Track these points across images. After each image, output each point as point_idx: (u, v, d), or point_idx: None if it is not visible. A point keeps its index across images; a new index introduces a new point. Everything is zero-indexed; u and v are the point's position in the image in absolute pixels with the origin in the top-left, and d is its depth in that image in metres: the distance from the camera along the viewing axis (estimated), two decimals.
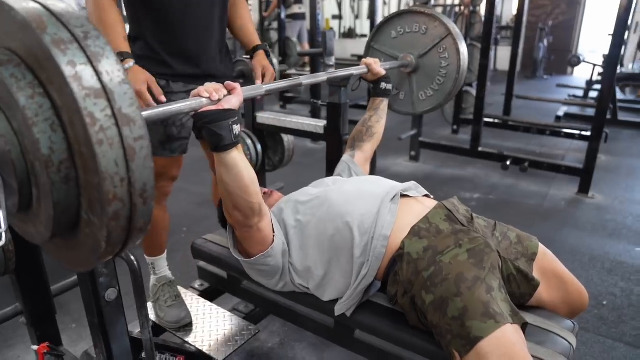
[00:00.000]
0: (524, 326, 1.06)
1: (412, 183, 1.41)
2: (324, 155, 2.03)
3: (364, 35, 11.59)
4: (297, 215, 1.34)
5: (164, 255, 1.81)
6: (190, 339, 1.64)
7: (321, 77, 1.47)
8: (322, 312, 1.41)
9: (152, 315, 1.73)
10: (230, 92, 1.08)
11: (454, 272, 1.09)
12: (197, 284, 1.95)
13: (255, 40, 1.83)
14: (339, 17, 11.97)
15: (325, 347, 1.84)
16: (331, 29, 11.02)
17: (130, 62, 1.42)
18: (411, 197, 1.35)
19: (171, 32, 1.54)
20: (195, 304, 1.79)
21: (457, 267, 1.10)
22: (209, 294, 1.91)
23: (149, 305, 1.75)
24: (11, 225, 0.71)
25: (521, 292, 1.24)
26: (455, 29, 1.81)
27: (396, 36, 1.92)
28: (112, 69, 0.57)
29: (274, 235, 1.26)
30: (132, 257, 1.07)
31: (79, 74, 0.54)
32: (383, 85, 1.65)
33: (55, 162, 0.58)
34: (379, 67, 1.64)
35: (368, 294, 1.31)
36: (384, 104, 1.68)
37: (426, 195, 1.41)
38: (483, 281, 1.07)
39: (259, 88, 1.21)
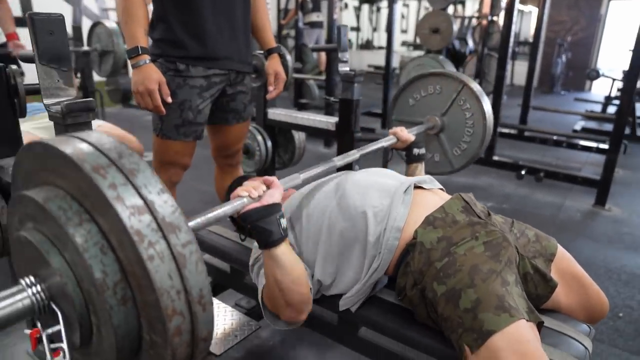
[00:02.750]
0: (540, 326, 1.01)
1: (427, 177, 1.37)
2: None
3: (381, 47, 11.61)
4: (307, 209, 1.30)
5: None
6: None
7: (353, 155, 1.44)
8: (326, 307, 1.36)
9: None
10: (268, 186, 1.08)
11: (469, 263, 1.03)
12: None
13: (271, 42, 1.84)
14: (357, 29, 12.02)
15: (328, 347, 1.78)
16: (349, 40, 11.06)
17: (147, 59, 1.43)
18: (426, 189, 1.30)
19: (193, 13, 1.54)
20: None
21: (472, 259, 1.04)
22: (212, 289, 1.87)
23: None
24: None
25: (538, 293, 1.18)
26: (467, 79, 1.83)
27: (414, 103, 1.95)
28: (149, 182, 0.58)
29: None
30: None
31: (120, 194, 0.55)
32: (415, 151, 1.62)
33: (110, 284, 0.58)
34: (407, 133, 1.62)
35: (375, 290, 1.26)
36: (419, 168, 1.64)
37: (441, 189, 1.36)
38: (499, 274, 1.01)
39: (296, 178, 1.19)
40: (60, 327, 0.62)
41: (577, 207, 3.34)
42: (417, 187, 1.28)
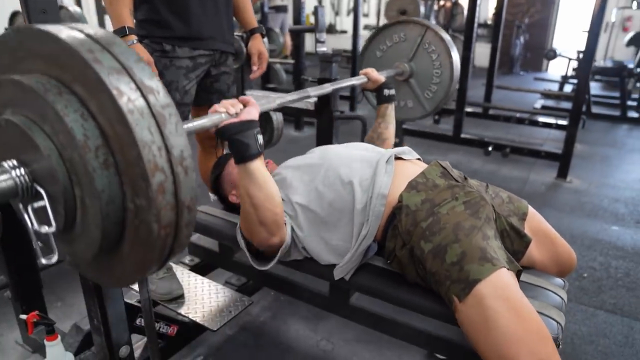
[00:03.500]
0: (519, 274, 1.10)
1: (406, 148, 1.44)
2: (308, 142, 2.05)
3: (344, 31, 11.63)
4: (294, 182, 1.34)
5: None
6: (182, 310, 1.62)
7: (327, 88, 1.49)
8: (318, 277, 1.41)
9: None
10: (245, 105, 1.11)
11: (452, 221, 1.11)
12: (187, 259, 1.94)
13: (253, 21, 1.86)
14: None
15: (319, 319, 1.85)
16: (311, 24, 11.00)
17: (134, 39, 1.42)
18: (405, 159, 1.37)
19: None
20: (187, 278, 1.77)
21: (455, 217, 1.12)
22: (200, 269, 1.90)
23: None
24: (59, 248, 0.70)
25: (514, 249, 1.27)
26: (430, 23, 1.87)
27: (381, 55, 1.97)
28: (126, 52, 0.60)
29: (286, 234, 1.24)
30: None
31: (98, 58, 0.57)
32: (386, 92, 1.68)
33: (92, 147, 0.59)
34: (377, 74, 1.68)
35: (366, 257, 1.32)
36: (389, 109, 1.70)
37: (418, 159, 1.44)
38: (479, 229, 1.10)
39: (272, 101, 1.23)
40: (45, 202, 0.63)
41: (541, 180, 3.53)
42: (397, 158, 1.35)
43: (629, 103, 5.80)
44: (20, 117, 0.63)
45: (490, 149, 3.71)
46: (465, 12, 4.27)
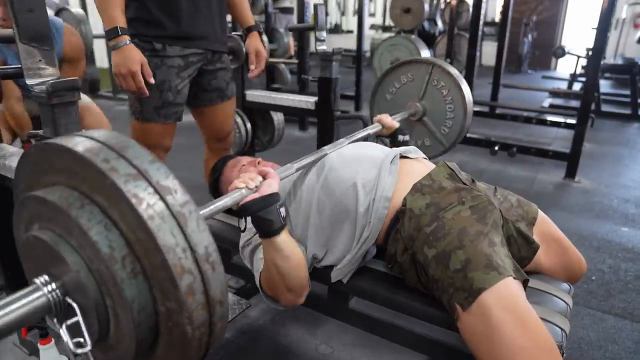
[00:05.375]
0: (525, 283, 1.06)
1: (412, 147, 1.40)
2: (312, 142, 2.01)
3: (350, 31, 11.58)
4: (296, 185, 1.31)
5: None
6: None
7: (342, 143, 1.42)
8: (316, 279, 1.38)
9: None
10: (264, 177, 1.09)
11: (457, 226, 1.07)
12: None
13: (250, 19, 1.82)
14: (325, 14, 11.93)
15: (318, 322, 1.81)
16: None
17: (127, 40, 1.40)
18: (412, 158, 1.33)
19: None
20: None
21: (460, 222, 1.08)
22: None
23: None
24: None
25: (521, 255, 1.23)
26: (435, 60, 1.88)
27: (391, 97, 1.97)
28: (139, 154, 0.60)
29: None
30: None
31: (114, 166, 0.58)
32: (400, 137, 1.65)
33: (118, 258, 0.58)
34: (391, 120, 1.65)
35: (365, 260, 1.29)
36: None
37: (425, 159, 1.40)
38: (486, 235, 1.06)
39: (290, 168, 1.20)
40: (78, 317, 0.62)
41: (549, 180, 3.46)
42: (402, 157, 1.31)
43: None
44: (47, 232, 0.64)
45: (496, 148, 3.65)
46: (471, 10, 4.22)
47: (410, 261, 1.13)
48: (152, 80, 1.45)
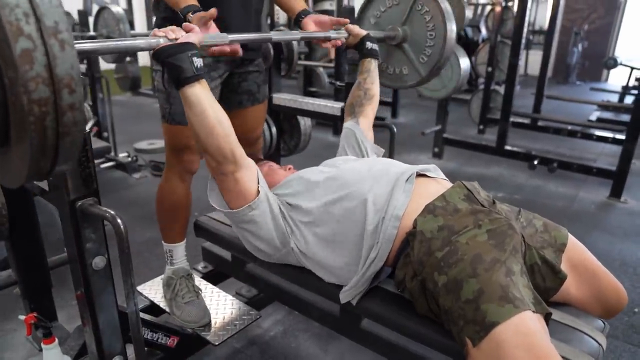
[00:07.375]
0: (547, 317, 0.94)
1: (432, 165, 1.30)
2: None
3: None
4: (306, 194, 1.24)
5: (184, 243, 1.64)
6: None
7: (294, 35, 1.41)
8: (328, 297, 1.31)
9: (166, 308, 1.61)
10: (187, 32, 1.09)
11: (471, 252, 0.97)
12: (200, 266, 1.88)
13: (302, 4, 1.69)
14: None
15: (331, 339, 1.74)
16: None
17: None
18: (430, 177, 1.23)
19: None
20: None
21: (475, 248, 0.98)
22: (213, 277, 1.84)
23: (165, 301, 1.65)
24: None
25: (545, 286, 1.11)
26: None
27: (376, 21, 1.85)
28: None
29: (258, 187, 1.18)
30: (119, 220, 0.98)
31: None
32: (368, 45, 1.58)
33: None
34: (359, 29, 1.59)
35: (377, 280, 1.20)
36: (373, 64, 1.61)
37: (444, 179, 1.30)
38: (503, 263, 0.95)
39: (224, 37, 1.18)
40: None
41: (591, 198, 3.25)
42: (420, 175, 1.22)
43: None
44: None
45: (535, 162, 3.46)
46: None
47: (420, 288, 1.04)
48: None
